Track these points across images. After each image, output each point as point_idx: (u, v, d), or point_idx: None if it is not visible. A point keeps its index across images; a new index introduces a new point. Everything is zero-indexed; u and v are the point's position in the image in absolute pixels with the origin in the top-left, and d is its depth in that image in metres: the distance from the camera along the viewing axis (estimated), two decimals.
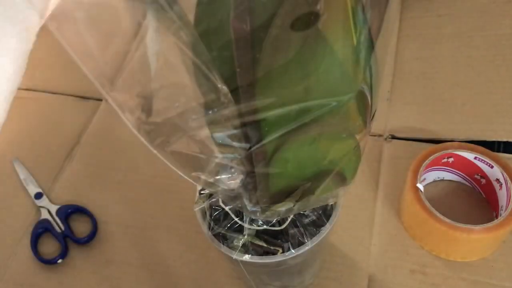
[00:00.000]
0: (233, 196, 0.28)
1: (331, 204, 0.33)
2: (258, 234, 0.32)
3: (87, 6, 0.18)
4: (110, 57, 0.19)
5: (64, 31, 0.18)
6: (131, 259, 0.44)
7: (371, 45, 0.19)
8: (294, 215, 0.32)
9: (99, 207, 0.47)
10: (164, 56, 0.19)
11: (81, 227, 0.46)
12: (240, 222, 0.32)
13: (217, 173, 0.25)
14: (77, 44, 0.18)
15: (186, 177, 0.26)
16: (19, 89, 0.58)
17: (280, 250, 0.31)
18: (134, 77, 0.20)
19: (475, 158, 0.42)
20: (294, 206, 0.28)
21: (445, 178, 0.45)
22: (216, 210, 0.33)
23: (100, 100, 0.56)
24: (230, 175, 0.27)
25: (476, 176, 0.43)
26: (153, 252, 0.44)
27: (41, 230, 0.45)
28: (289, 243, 0.31)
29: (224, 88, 0.19)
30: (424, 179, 0.44)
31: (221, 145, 0.23)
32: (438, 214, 0.38)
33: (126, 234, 0.45)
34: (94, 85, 0.20)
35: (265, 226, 0.31)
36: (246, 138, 0.21)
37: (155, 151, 0.23)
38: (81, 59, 0.20)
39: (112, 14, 0.18)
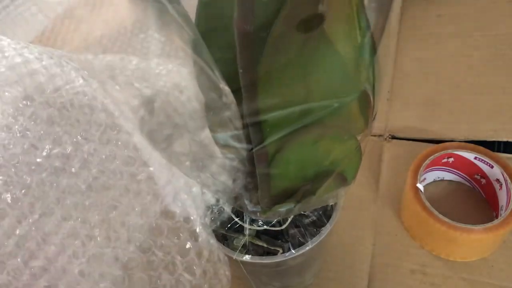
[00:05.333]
0: (233, 196, 0.28)
1: (331, 205, 0.33)
2: (258, 234, 0.32)
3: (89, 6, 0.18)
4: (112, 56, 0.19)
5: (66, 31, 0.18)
6: None
7: (374, 46, 0.19)
8: (295, 216, 0.32)
9: None
10: (166, 55, 0.19)
11: None
12: (240, 222, 0.32)
13: (218, 173, 0.25)
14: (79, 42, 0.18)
15: (187, 177, 0.26)
16: None
17: (280, 250, 0.31)
18: (137, 76, 0.20)
19: (475, 158, 0.42)
20: (295, 206, 0.28)
21: (445, 178, 0.45)
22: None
23: None
24: (231, 176, 0.26)
25: (476, 176, 0.43)
26: None
27: None
28: (289, 243, 0.31)
29: (226, 88, 0.19)
30: (424, 179, 0.44)
31: (223, 146, 0.23)
32: (438, 214, 0.38)
33: None
34: None
35: (265, 227, 0.31)
36: (247, 139, 0.21)
37: (156, 151, 0.23)
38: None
39: (115, 14, 0.18)
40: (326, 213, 0.33)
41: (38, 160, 0.24)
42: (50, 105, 0.23)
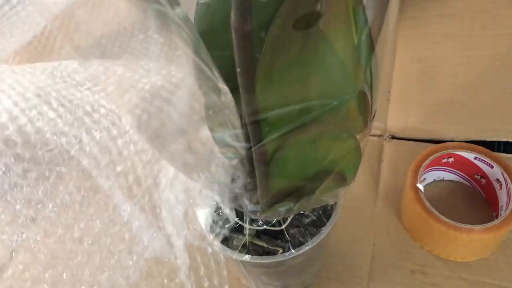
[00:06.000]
0: (233, 196, 0.28)
1: (331, 204, 0.33)
2: (258, 234, 0.32)
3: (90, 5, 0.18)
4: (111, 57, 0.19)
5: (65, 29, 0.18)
6: None
7: (371, 45, 0.19)
8: (294, 215, 0.32)
9: None
10: (165, 55, 0.19)
11: None
12: (240, 222, 0.32)
13: (218, 173, 0.25)
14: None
15: (186, 177, 0.26)
16: None
17: (280, 250, 0.31)
18: (135, 76, 0.21)
19: (475, 158, 0.42)
20: (294, 206, 0.28)
21: (445, 178, 0.45)
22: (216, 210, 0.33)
23: None
24: (230, 175, 0.27)
25: (476, 176, 0.43)
26: None
27: None
28: (289, 243, 0.31)
29: (224, 87, 0.19)
30: (424, 179, 0.44)
31: (222, 145, 0.23)
32: (438, 214, 0.38)
33: None
34: None
35: (265, 226, 0.31)
36: (246, 138, 0.21)
37: (155, 151, 0.23)
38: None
39: (115, 14, 0.18)
40: (326, 213, 0.33)
41: (28, 224, 0.25)
42: (40, 162, 0.24)
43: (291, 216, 0.32)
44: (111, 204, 0.26)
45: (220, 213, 0.31)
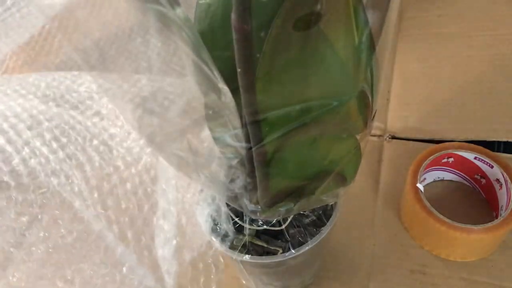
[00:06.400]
0: (233, 196, 0.28)
1: (331, 204, 0.33)
2: (258, 234, 0.32)
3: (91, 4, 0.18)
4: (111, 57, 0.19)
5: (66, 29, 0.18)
6: None
7: (372, 45, 0.19)
8: (294, 215, 0.32)
9: None
10: (165, 55, 0.19)
11: None
12: (240, 222, 0.32)
13: (218, 173, 0.25)
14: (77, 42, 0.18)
15: (186, 177, 0.26)
16: None
17: (280, 250, 0.31)
18: (135, 76, 0.21)
19: (475, 158, 0.42)
20: (294, 206, 0.28)
21: (445, 178, 0.45)
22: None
23: None
24: (230, 175, 0.27)
25: (476, 176, 0.43)
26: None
27: None
28: (289, 243, 0.31)
29: (224, 88, 0.19)
30: (424, 179, 0.44)
31: (222, 145, 0.23)
32: (438, 214, 0.38)
33: None
34: None
35: (265, 226, 0.31)
36: (246, 138, 0.21)
37: (155, 151, 0.23)
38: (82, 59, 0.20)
39: (114, 16, 0.18)
40: (326, 213, 0.33)
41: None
42: (33, 205, 0.24)
43: (291, 216, 0.31)
44: (103, 245, 0.26)
45: (218, 229, 0.31)
